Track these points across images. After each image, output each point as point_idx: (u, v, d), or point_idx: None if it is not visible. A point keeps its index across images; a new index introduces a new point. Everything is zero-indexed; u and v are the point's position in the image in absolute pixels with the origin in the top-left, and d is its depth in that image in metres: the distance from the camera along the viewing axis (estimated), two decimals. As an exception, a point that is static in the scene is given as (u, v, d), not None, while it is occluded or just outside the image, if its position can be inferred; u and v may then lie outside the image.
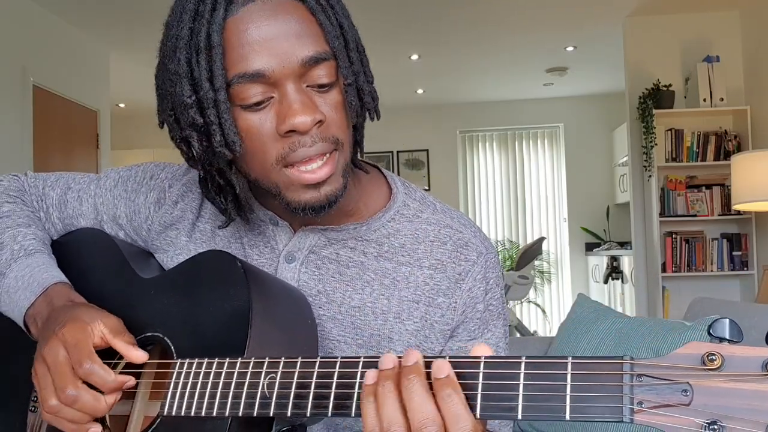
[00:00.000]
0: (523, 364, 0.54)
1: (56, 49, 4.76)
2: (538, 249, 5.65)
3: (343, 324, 0.84)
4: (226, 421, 0.67)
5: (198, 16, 0.72)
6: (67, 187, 1.00)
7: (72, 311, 0.79)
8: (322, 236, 0.86)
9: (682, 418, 0.46)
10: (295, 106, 0.71)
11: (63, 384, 0.72)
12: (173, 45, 0.74)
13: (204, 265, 0.82)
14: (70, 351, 0.73)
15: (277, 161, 0.74)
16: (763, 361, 0.44)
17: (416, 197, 0.91)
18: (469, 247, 0.87)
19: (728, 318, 0.45)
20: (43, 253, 0.92)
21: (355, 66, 0.76)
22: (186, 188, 0.94)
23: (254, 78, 0.71)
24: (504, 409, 0.54)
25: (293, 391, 0.63)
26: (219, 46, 0.71)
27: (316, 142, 0.73)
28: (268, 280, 0.80)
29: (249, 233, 0.89)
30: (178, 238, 0.93)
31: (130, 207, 0.96)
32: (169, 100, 0.76)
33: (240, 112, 0.73)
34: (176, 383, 0.72)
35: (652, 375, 0.48)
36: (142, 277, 0.88)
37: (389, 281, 0.85)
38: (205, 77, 0.71)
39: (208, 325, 0.76)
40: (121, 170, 1.00)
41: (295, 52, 0.71)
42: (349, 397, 0.60)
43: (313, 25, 0.73)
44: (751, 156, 3.75)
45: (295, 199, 0.76)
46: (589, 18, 5.01)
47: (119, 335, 0.77)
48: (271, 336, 0.73)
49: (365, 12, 4.77)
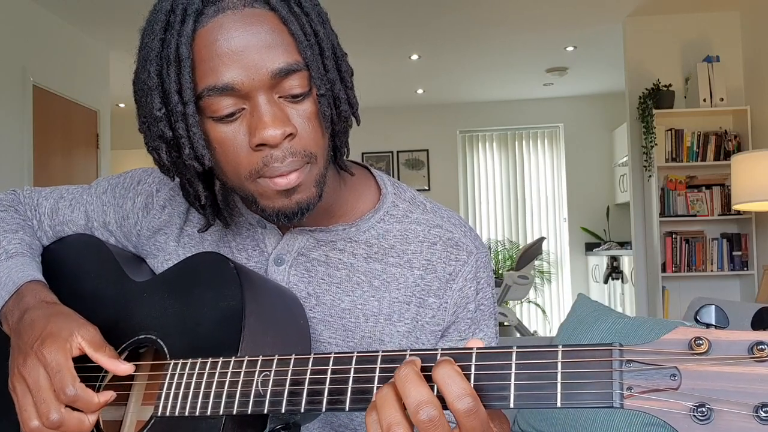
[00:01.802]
0: (514, 354, 0.55)
1: (56, 49, 4.77)
2: (538, 249, 5.65)
3: (334, 326, 0.84)
4: (220, 420, 0.67)
5: (169, 27, 0.72)
6: (59, 196, 1.01)
7: (48, 321, 0.78)
8: (310, 238, 0.86)
9: (671, 402, 0.46)
10: (265, 119, 0.71)
11: (46, 410, 0.72)
12: (145, 55, 0.74)
13: (196, 267, 0.82)
14: (52, 376, 0.72)
15: (250, 174, 0.74)
16: (749, 345, 0.45)
17: (406, 197, 0.90)
18: (460, 246, 0.86)
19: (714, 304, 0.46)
20: (24, 255, 0.92)
21: (330, 74, 0.75)
22: (174, 192, 0.94)
23: (224, 91, 0.70)
24: (496, 398, 0.54)
25: (287, 388, 0.63)
26: (188, 59, 0.70)
27: (287, 157, 0.72)
28: (260, 281, 0.80)
29: (237, 236, 0.89)
30: (166, 243, 0.93)
31: (119, 213, 0.96)
32: (142, 109, 0.76)
33: (212, 124, 0.73)
34: (169, 384, 0.72)
35: (640, 360, 0.48)
36: (134, 280, 0.88)
37: (379, 282, 0.84)
38: (174, 90, 0.71)
39: (201, 325, 0.76)
40: (112, 178, 1.01)
41: (266, 63, 0.70)
42: (342, 392, 0.61)
43: (285, 34, 0.72)
44: (751, 156, 3.75)
45: (269, 205, 0.76)
46: (589, 18, 5.02)
47: (100, 349, 0.76)
48: (265, 335, 0.73)
49: (365, 12, 4.77)
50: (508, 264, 7.17)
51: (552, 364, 0.53)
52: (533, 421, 1.98)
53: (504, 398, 0.54)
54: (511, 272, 5.46)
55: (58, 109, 4.77)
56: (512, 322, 5.31)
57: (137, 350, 0.83)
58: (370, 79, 6.34)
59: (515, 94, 7.35)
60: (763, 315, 0.43)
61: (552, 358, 0.53)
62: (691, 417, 0.45)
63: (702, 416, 0.45)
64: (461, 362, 0.56)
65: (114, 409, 0.83)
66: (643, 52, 4.94)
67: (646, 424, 1.66)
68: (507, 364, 0.54)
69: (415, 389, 0.55)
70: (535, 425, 2.00)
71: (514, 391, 0.53)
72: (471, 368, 0.56)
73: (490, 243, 7.64)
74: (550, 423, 1.89)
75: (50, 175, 4.61)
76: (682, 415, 0.46)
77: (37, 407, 0.72)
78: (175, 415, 0.70)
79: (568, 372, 0.52)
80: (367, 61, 5.84)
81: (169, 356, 0.75)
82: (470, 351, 0.57)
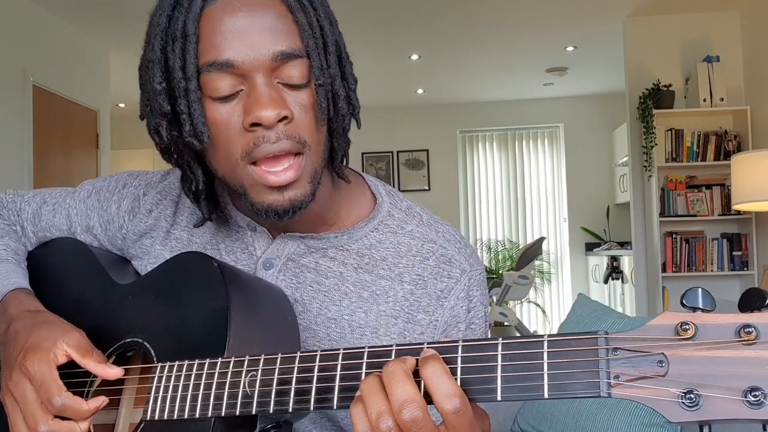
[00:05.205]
0: (500, 346, 0.54)
1: (56, 49, 4.77)
2: (538, 249, 5.64)
3: (319, 335, 0.83)
4: (210, 422, 0.67)
5: (177, 5, 0.72)
6: (42, 201, 1.00)
7: (31, 332, 0.77)
8: (301, 244, 0.85)
9: (659, 389, 0.46)
10: (262, 99, 0.70)
11: (34, 423, 0.71)
12: (152, 32, 0.74)
13: (180, 267, 0.81)
14: (37, 388, 0.72)
15: (242, 157, 0.73)
16: (736, 328, 0.45)
17: (402, 207, 0.88)
18: (453, 263, 0.84)
19: (701, 287, 0.45)
20: (9, 262, 0.91)
21: (331, 69, 0.75)
22: (161, 196, 0.93)
23: (224, 67, 0.70)
24: (483, 391, 0.54)
25: (274, 388, 0.63)
26: (194, 35, 0.70)
27: (280, 139, 0.72)
28: (246, 279, 0.78)
29: (226, 239, 0.88)
30: (153, 246, 0.92)
31: (103, 216, 0.95)
32: (145, 90, 0.76)
33: (210, 103, 0.73)
34: (157, 387, 0.71)
35: (627, 348, 0.48)
36: (118, 283, 0.87)
37: (368, 294, 0.83)
38: (178, 66, 0.71)
39: (187, 326, 0.75)
40: (96, 181, 1.00)
41: (267, 45, 0.71)
42: (330, 390, 0.60)
43: (290, 22, 0.72)
44: (751, 156, 3.74)
45: (259, 200, 0.74)
46: (589, 18, 5.01)
47: (87, 354, 0.75)
48: (252, 334, 0.72)
49: (366, 12, 4.77)
50: (508, 264, 7.17)
51: (538, 354, 0.52)
52: (533, 421, 1.97)
53: (491, 391, 0.53)
54: (511, 272, 5.45)
55: (58, 109, 4.77)
56: (512, 322, 5.30)
57: (124, 353, 0.82)
58: (370, 79, 6.33)
59: (515, 94, 7.35)
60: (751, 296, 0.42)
61: (538, 348, 0.52)
62: (680, 404, 0.45)
63: (690, 402, 0.44)
64: (447, 355, 0.56)
65: (106, 413, 0.82)
66: (643, 52, 4.93)
67: (645, 424, 1.65)
68: (493, 356, 0.54)
69: (402, 386, 0.54)
70: (535, 425, 1.99)
71: (501, 384, 0.53)
72: (457, 361, 0.55)
73: (490, 243, 7.63)
74: (550, 423, 1.89)
75: (50, 175, 4.61)
76: (670, 402, 0.46)
77: (26, 421, 0.72)
78: (164, 419, 0.69)
79: (554, 362, 0.51)
80: (367, 61, 5.84)
81: (156, 359, 0.74)
82: (456, 344, 0.56)
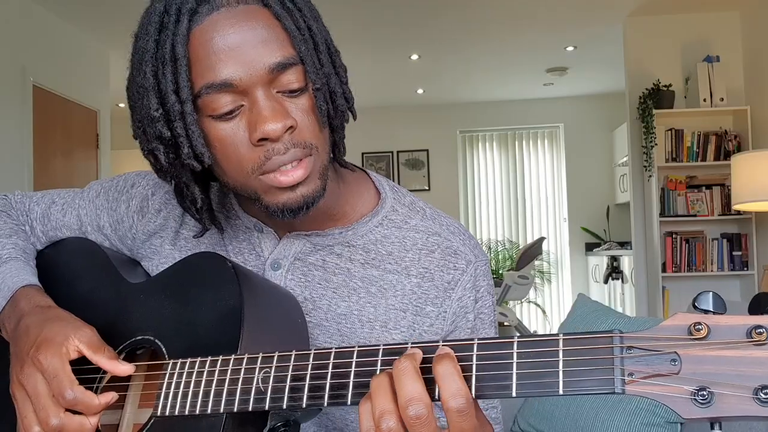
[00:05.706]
0: (515, 344, 0.55)
1: (56, 49, 4.77)
2: (538, 249, 5.65)
3: (330, 331, 0.84)
4: (221, 418, 0.67)
5: (163, 28, 0.72)
6: (51, 201, 1.00)
7: (42, 327, 0.77)
8: (307, 242, 0.86)
9: (672, 386, 0.47)
10: (265, 113, 0.71)
11: (45, 416, 0.71)
12: (140, 58, 0.73)
13: (194, 267, 0.81)
14: (49, 381, 0.72)
15: (252, 170, 0.73)
16: (748, 329, 0.46)
17: (405, 202, 0.89)
18: (458, 255, 0.86)
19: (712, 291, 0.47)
20: (18, 259, 0.91)
21: (325, 68, 0.75)
22: (169, 196, 0.93)
23: (222, 88, 0.70)
24: (498, 388, 0.55)
25: (288, 384, 0.63)
26: (184, 57, 0.70)
27: (289, 149, 0.72)
28: (258, 280, 0.79)
29: (234, 240, 0.89)
30: (162, 246, 0.92)
31: (113, 216, 0.96)
32: (138, 113, 0.76)
33: (211, 122, 0.73)
34: (169, 383, 0.72)
35: (641, 346, 0.49)
36: (130, 282, 0.88)
37: (376, 289, 0.84)
38: (171, 90, 0.71)
39: (199, 325, 0.75)
40: (104, 181, 1.00)
41: (262, 59, 0.71)
42: (344, 386, 0.61)
43: (279, 30, 0.72)
44: (751, 156, 3.75)
45: (273, 201, 0.75)
46: (589, 18, 5.02)
47: (99, 351, 0.75)
48: (264, 334, 0.73)
49: (366, 12, 4.78)
50: (508, 264, 7.18)
51: (553, 353, 0.53)
52: (533, 421, 1.98)
53: (506, 387, 0.54)
54: (511, 272, 5.46)
55: (58, 109, 4.77)
56: (512, 322, 5.31)
57: (134, 351, 0.83)
58: (370, 79, 6.34)
59: (515, 94, 7.36)
60: (761, 300, 0.45)
61: (553, 346, 0.53)
62: (692, 401, 0.46)
63: (703, 399, 0.46)
64: (463, 353, 0.57)
65: (110, 412, 0.82)
66: (643, 52, 4.94)
67: (645, 424, 1.65)
68: (509, 354, 0.55)
69: (410, 383, 0.55)
70: (535, 425, 2.00)
71: (516, 380, 0.54)
72: (473, 358, 0.56)
73: (490, 243, 7.64)
74: (550, 423, 1.89)
75: (50, 175, 4.61)
76: (683, 399, 0.47)
77: (37, 414, 0.72)
78: (175, 415, 0.70)
79: (569, 360, 0.52)
80: (367, 61, 5.84)
81: (167, 356, 0.75)
82: (472, 342, 0.57)
